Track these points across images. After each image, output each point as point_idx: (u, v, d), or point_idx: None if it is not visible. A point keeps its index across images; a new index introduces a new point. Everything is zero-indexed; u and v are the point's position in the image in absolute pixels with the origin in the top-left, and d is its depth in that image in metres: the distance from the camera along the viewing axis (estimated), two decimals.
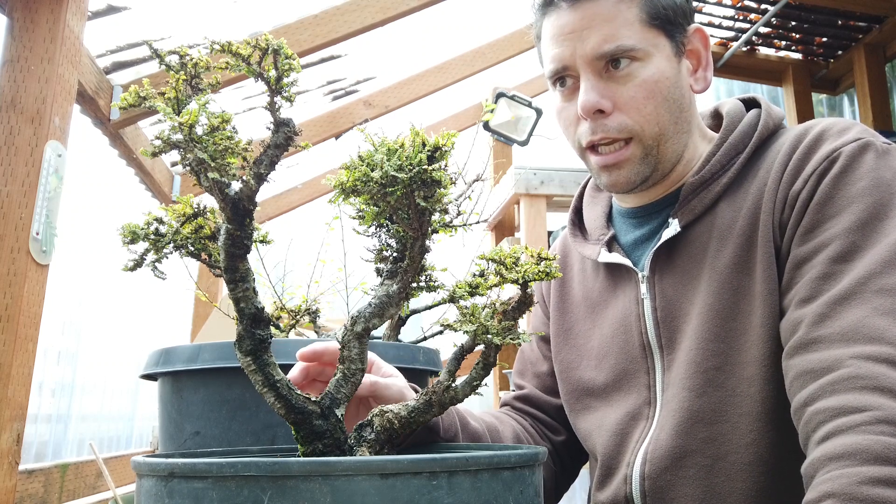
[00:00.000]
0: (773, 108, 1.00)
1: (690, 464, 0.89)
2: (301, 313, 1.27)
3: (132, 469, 0.60)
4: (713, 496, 0.88)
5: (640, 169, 0.97)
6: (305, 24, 2.31)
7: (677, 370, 0.93)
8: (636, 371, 0.99)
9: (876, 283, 0.75)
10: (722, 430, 0.88)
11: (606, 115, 0.94)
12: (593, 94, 0.93)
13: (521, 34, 3.37)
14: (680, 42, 0.97)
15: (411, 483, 0.52)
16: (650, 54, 0.94)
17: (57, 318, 2.14)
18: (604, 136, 0.95)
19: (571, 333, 1.11)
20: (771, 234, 0.88)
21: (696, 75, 1.00)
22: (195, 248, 0.70)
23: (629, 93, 0.93)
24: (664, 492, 0.91)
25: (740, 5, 3.23)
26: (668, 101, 0.95)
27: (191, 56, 0.61)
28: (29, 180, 1.42)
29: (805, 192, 0.85)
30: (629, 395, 0.99)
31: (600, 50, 0.92)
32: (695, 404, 0.90)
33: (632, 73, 0.93)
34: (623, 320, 1.01)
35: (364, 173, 0.61)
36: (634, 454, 0.95)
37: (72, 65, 1.56)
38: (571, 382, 1.09)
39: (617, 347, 1.02)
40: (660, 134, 0.95)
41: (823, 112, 3.89)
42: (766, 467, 0.85)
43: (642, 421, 0.97)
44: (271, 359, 0.65)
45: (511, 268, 0.69)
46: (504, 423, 1.07)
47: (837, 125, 0.89)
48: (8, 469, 1.35)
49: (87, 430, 2.37)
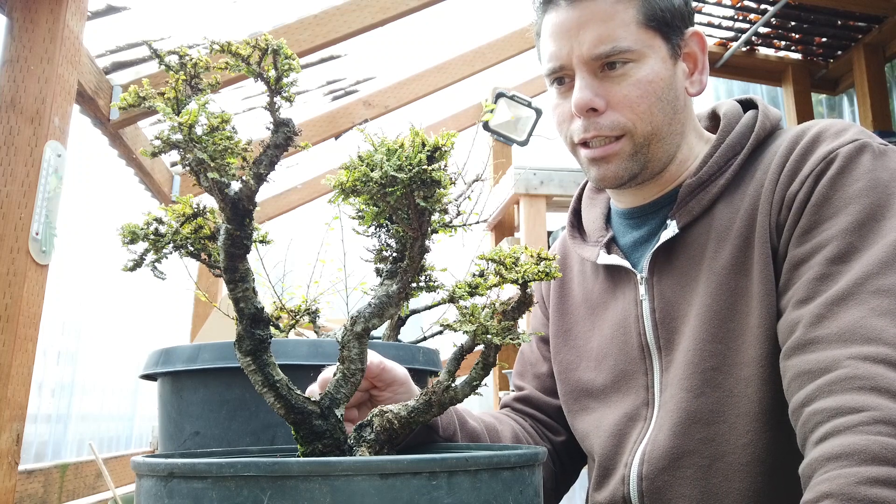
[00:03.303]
0: (771, 109, 1.01)
1: (688, 464, 0.89)
2: (301, 313, 1.27)
3: (132, 469, 0.60)
4: (710, 496, 0.88)
5: (628, 165, 0.97)
6: (305, 24, 2.31)
7: (675, 371, 0.93)
8: (634, 372, 0.99)
9: (873, 283, 0.76)
10: (719, 430, 0.88)
11: (599, 114, 0.95)
12: (587, 93, 0.94)
13: (521, 34, 3.37)
14: (676, 44, 0.97)
15: (411, 483, 0.52)
16: (645, 55, 0.94)
17: (57, 318, 2.14)
18: (596, 133, 0.96)
19: (571, 335, 1.11)
20: (768, 236, 0.88)
21: (692, 78, 1.01)
22: (195, 249, 0.70)
23: (623, 91, 0.94)
24: (661, 492, 0.91)
25: (740, 5, 3.23)
26: (662, 102, 0.95)
27: (190, 56, 0.61)
28: (28, 180, 1.42)
29: (802, 193, 0.86)
30: (627, 395, 0.99)
31: (596, 50, 0.93)
32: (692, 405, 0.90)
33: (626, 73, 0.94)
34: (622, 322, 1.01)
35: (364, 173, 0.61)
36: (632, 455, 0.95)
37: (71, 65, 1.56)
38: (570, 383, 1.09)
39: (616, 349, 1.02)
40: (652, 133, 0.96)
41: (823, 112, 3.89)
42: (763, 467, 0.85)
43: (640, 422, 0.97)
44: (271, 359, 0.65)
45: (511, 268, 0.69)
46: (503, 424, 1.07)
47: (834, 126, 0.90)
48: (7, 469, 1.35)
49: (86, 430, 2.37)
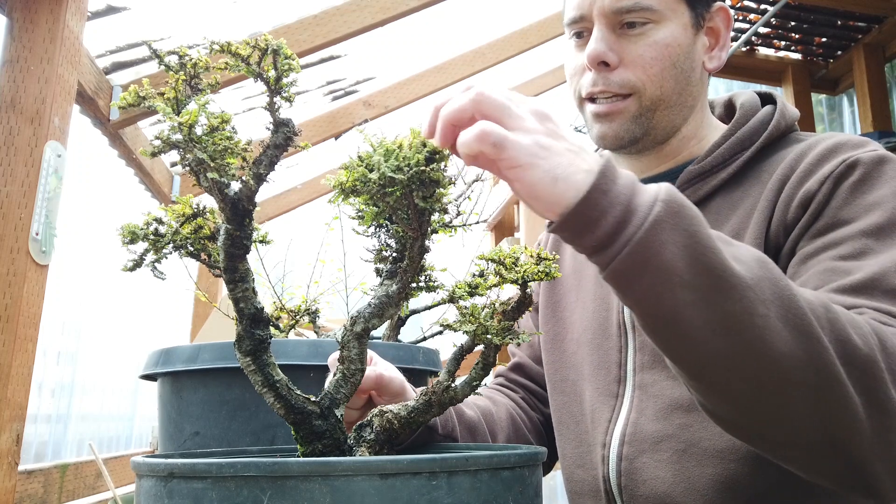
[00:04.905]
0: (789, 107, 0.99)
1: (665, 448, 0.90)
2: (301, 313, 1.27)
3: (132, 469, 0.60)
4: (683, 480, 0.88)
5: (630, 127, 0.96)
6: (305, 24, 2.31)
7: (655, 354, 0.94)
8: (610, 349, 1.00)
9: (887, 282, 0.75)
10: (698, 416, 0.88)
11: (611, 70, 0.94)
12: (602, 45, 0.93)
13: (522, 34, 3.37)
14: (701, 15, 0.97)
15: (411, 483, 0.52)
16: (667, 18, 0.93)
17: (57, 318, 2.14)
18: (604, 88, 0.95)
19: (559, 306, 1.12)
20: (762, 239, 0.88)
21: (712, 54, 1.00)
22: (195, 249, 0.70)
23: (638, 51, 0.93)
24: (638, 472, 0.92)
25: (740, 5, 3.23)
26: (676, 69, 0.94)
27: (190, 56, 0.61)
28: (28, 180, 1.42)
29: (821, 194, 0.85)
30: (600, 370, 1.00)
31: (618, 4, 0.92)
32: (675, 391, 0.91)
33: (645, 33, 0.93)
34: (605, 297, 1.02)
35: (363, 174, 0.61)
36: (610, 435, 0.96)
37: (71, 65, 1.56)
38: (554, 354, 1.10)
39: (596, 323, 1.02)
40: (660, 98, 0.95)
41: (823, 112, 3.89)
42: (737, 455, 0.85)
43: (611, 398, 0.97)
44: (271, 359, 0.65)
45: (510, 268, 0.69)
46: (498, 404, 1.08)
47: (853, 139, 0.90)
48: (7, 469, 1.35)
49: (86, 431, 2.37)
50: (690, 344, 0.63)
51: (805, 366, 0.62)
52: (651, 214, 0.60)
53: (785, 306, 0.63)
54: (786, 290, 0.63)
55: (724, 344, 0.62)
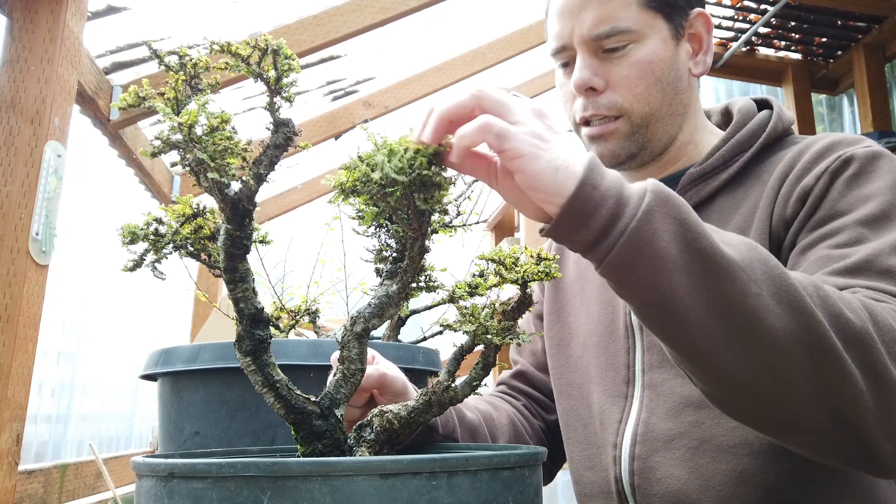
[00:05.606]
0: (785, 111, 1.02)
1: (678, 446, 0.91)
2: (301, 313, 1.27)
3: (132, 469, 0.60)
4: (698, 477, 0.89)
5: (625, 145, 0.99)
6: (305, 24, 2.31)
7: (663, 353, 0.94)
8: (617, 350, 1.00)
9: (882, 262, 0.76)
10: (710, 413, 0.89)
11: (598, 94, 0.97)
12: (586, 72, 0.96)
13: (522, 34, 3.37)
14: (679, 24, 0.98)
15: (411, 483, 0.52)
16: (645, 35, 0.95)
17: (57, 318, 2.14)
18: (594, 112, 0.98)
19: (564, 312, 1.12)
20: (766, 235, 0.89)
21: (696, 59, 1.01)
22: (195, 249, 0.70)
23: (622, 72, 0.95)
24: (652, 471, 0.92)
25: (740, 5, 3.23)
26: (661, 83, 0.96)
27: (190, 56, 0.61)
28: (28, 181, 1.42)
29: (818, 188, 0.87)
30: (608, 372, 1.00)
31: (595, 31, 0.95)
32: (685, 389, 0.91)
33: (626, 53, 0.95)
34: (610, 301, 1.03)
35: (364, 174, 0.61)
36: (621, 435, 0.96)
37: (71, 65, 1.56)
38: (560, 359, 1.10)
39: (602, 326, 1.03)
40: (650, 114, 0.97)
41: (823, 112, 3.89)
42: (750, 450, 0.86)
43: (621, 399, 0.98)
44: (271, 359, 0.65)
45: (511, 268, 0.69)
46: (499, 410, 1.08)
47: (849, 137, 0.92)
48: (7, 469, 1.35)
49: (86, 431, 2.37)
50: (688, 328, 0.64)
51: (801, 340, 0.63)
52: (643, 205, 0.62)
53: (776, 284, 0.64)
54: (776, 269, 0.65)
55: (721, 325, 0.63)
